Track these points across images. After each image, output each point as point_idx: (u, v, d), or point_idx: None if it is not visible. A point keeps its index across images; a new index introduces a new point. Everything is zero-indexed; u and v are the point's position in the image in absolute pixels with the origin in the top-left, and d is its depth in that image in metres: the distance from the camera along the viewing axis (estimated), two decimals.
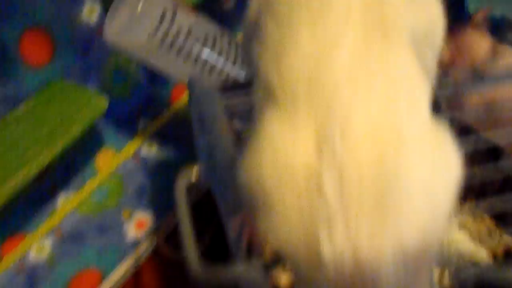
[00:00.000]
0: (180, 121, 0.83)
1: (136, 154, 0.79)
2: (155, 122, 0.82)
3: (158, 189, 0.77)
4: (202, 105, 0.38)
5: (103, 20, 0.64)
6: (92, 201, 0.73)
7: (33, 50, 0.60)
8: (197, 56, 0.56)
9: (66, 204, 0.71)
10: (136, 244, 0.71)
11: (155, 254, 0.71)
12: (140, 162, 0.78)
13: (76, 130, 0.57)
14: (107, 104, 0.61)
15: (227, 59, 0.57)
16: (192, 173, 0.38)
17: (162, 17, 0.52)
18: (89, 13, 0.65)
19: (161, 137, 0.81)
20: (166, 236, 0.72)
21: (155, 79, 0.77)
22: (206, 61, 0.56)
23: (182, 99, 0.85)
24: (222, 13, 0.71)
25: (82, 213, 0.72)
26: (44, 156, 0.55)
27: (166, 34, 0.53)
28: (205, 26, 0.56)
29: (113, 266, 0.69)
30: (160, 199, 0.75)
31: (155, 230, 0.72)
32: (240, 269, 0.30)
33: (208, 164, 0.37)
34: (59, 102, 0.60)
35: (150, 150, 0.80)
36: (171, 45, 0.54)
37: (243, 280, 0.30)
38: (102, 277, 0.68)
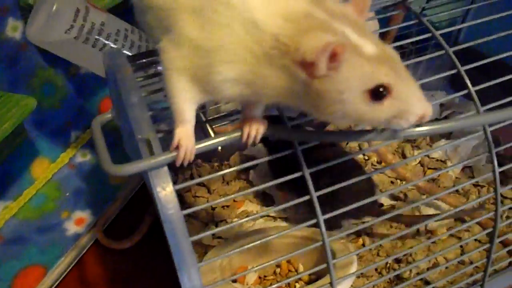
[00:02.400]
0: (110, 130, 0.90)
1: (70, 162, 0.84)
2: (87, 133, 0.89)
3: (94, 190, 0.82)
4: (117, 70, 0.46)
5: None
6: (31, 206, 0.78)
7: None
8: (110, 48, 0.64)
9: (6, 212, 0.76)
10: (76, 238, 0.76)
11: (96, 245, 0.76)
12: (75, 169, 0.84)
13: (7, 126, 0.63)
14: (36, 103, 0.67)
15: (139, 51, 0.67)
16: (106, 116, 0.46)
17: (76, 15, 0.61)
18: (13, 30, 0.72)
19: (94, 145, 0.87)
20: (105, 229, 0.78)
21: (83, 91, 0.84)
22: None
23: (109, 111, 0.92)
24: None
25: (22, 218, 0.76)
26: None
27: (80, 30, 0.62)
28: (116, 22, 0.65)
29: (56, 260, 0.73)
30: (96, 198, 0.81)
31: (94, 224, 0.77)
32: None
33: (118, 109, 0.45)
34: None
35: (85, 157, 0.86)
36: (86, 40, 0.62)
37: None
38: (46, 271, 0.72)
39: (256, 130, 0.40)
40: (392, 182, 0.79)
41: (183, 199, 0.77)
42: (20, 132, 0.73)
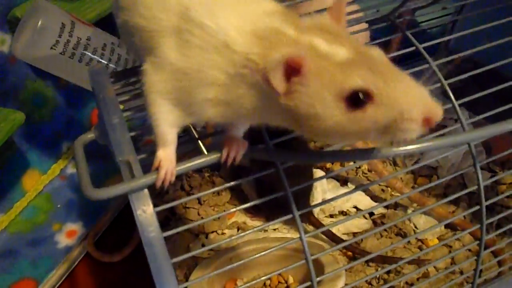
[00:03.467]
0: None
1: (62, 174, 0.84)
2: None
3: (85, 201, 0.82)
4: (100, 89, 0.46)
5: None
6: (21, 219, 0.78)
7: None
8: (97, 63, 0.64)
9: None
10: (67, 250, 0.75)
11: (87, 258, 0.76)
12: (67, 180, 0.84)
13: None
14: (24, 117, 0.67)
15: (125, 65, 0.66)
16: (89, 135, 0.46)
17: (61, 30, 0.61)
18: (1, 43, 0.72)
19: (85, 155, 0.87)
20: (95, 242, 0.78)
21: (73, 102, 0.84)
22: (105, 68, 0.64)
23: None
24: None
25: (13, 231, 0.76)
26: None
27: (66, 45, 0.62)
28: (102, 36, 0.65)
29: (47, 273, 0.73)
30: (88, 210, 0.81)
31: (85, 237, 0.77)
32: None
33: (101, 129, 0.45)
34: None
35: (75, 169, 0.85)
36: (72, 55, 0.62)
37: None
38: (38, 284, 0.72)
39: (235, 151, 0.40)
40: (382, 190, 0.79)
41: (173, 210, 0.77)
42: (9, 146, 0.73)
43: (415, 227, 0.73)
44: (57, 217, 0.79)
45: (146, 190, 0.39)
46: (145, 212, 0.39)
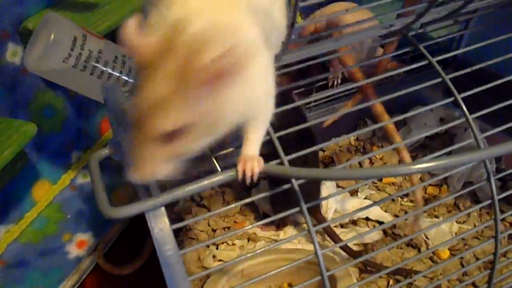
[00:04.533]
0: None
1: (72, 184, 0.85)
2: (88, 154, 0.89)
3: (95, 212, 0.82)
4: (114, 105, 0.46)
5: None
6: (32, 230, 0.78)
7: None
8: (108, 76, 0.64)
9: (8, 235, 0.76)
10: (78, 261, 0.76)
11: (97, 269, 0.76)
12: (77, 190, 0.84)
13: (8, 153, 0.64)
14: (36, 129, 0.67)
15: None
16: (104, 152, 0.46)
17: (73, 43, 0.61)
18: (13, 55, 0.72)
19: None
20: (106, 253, 0.78)
21: (83, 113, 0.85)
22: (117, 80, 0.65)
23: (110, 132, 0.93)
24: None
25: (24, 241, 0.77)
26: None
27: (78, 58, 0.62)
28: (113, 48, 0.66)
29: (57, 284, 0.73)
30: (97, 220, 0.81)
31: (95, 247, 0.78)
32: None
33: (116, 145, 0.45)
34: None
35: (86, 179, 0.86)
36: (84, 68, 0.63)
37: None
38: None
39: (251, 170, 0.40)
40: (393, 200, 0.79)
41: (183, 218, 0.77)
42: (20, 157, 0.73)
43: (426, 237, 0.72)
44: (67, 227, 0.79)
45: (163, 208, 0.39)
46: (162, 230, 0.39)
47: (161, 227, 0.39)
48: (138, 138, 0.33)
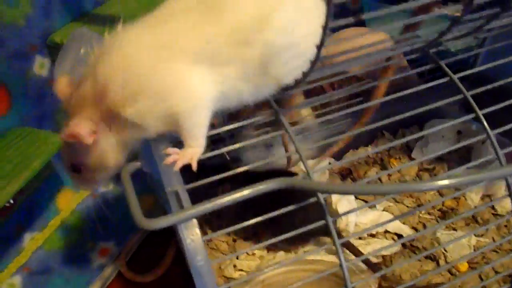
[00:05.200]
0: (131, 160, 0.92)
1: (94, 192, 0.86)
2: None
3: (117, 220, 0.84)
4: None
5: (53, 72, 0.75)
6: (56, 237, 0.80)
7: None
8: None
9: (32, 242, 0.78)
10: (101, 269, 0.77)
11: (120, 277, 0.78)
12: (99, 198, 0.86)
13: (37, 164, 0.66)
14: None
15: None
16: (135, 164, 0.47)
17: None
18: (40, 67, 0.75)
19: (117, 175, 0.89)
20: (128, 261, 0.79)
21: None
22: None
23: None
24: None
25: (48, 249, 0.78)
26: (9, 189, 0.63)
27: None
28: None
29: None
30: (120, 227, 0.83)
31: (118, 256, 0.79)
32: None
33: (146, 158, 0.47)
34: (19, 144, 0.69)
35: (107, 187, 0.88)
36: None
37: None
38: None
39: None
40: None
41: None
42: (47, 166, 0.75)
43: (445, 250, 0.73)
44: (90, 235, 0.81)
45: (194, 220, 0.41)
46: (194, 241, 0.40)
47: (192, 238, 0.40)
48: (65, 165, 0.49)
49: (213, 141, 0.64)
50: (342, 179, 0.85)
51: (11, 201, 0.69)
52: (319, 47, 0.38)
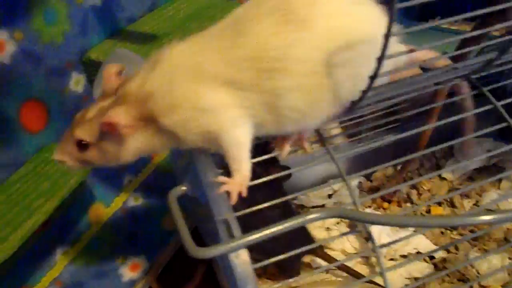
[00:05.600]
0: (160, 174, 0.93)
1: (123, 206, 0.87)
2: (139, 177, 0.92)
3: (147, 235, 0.85)
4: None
5: (88, 88, 0.76)
6: (87, 252, 0.81)
7: (31, 119, 0.70)
8: None
9: (64, 256, 0.79)
10: (131, 284, 0.78)
11: None
12: (128, 213, 0.87)
13: (74, 182, 0.66)
14: None
15: None
16: (181, 188, 0.48)
17: None
18: (76, 84, 0.76)
19: (145, 189, 0.90)
20: (158, 277, 0.80)
21: None
22: None
23: (160, 156, 0.96)
24: None
25: (80, 263, 0.79)
26: (47, 206, 0.63)
27: None
28: None
29: None
30: (149, 243, 0.83)
31: (148, 270, 0.80)
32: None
33: (192, 183, 0.47)
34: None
35: (137, 202, 0.88)
36: None
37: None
38: None
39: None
40: (442, 233, 0.79)
41: None
42: (81, 183, 0.76)
43: (478, 272, 0.72)
44: (120, 250, 0.82)
45: (244, 249, 0.41)
46: (244, 270, 0.40)
47: (243, 268, 0.40)
48: (67, 135, 0.48)
49: None
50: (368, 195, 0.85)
51: None
52: (374, 75, 0.37)
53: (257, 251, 0.44)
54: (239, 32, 0.43)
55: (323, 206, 0.83)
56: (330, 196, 0.86)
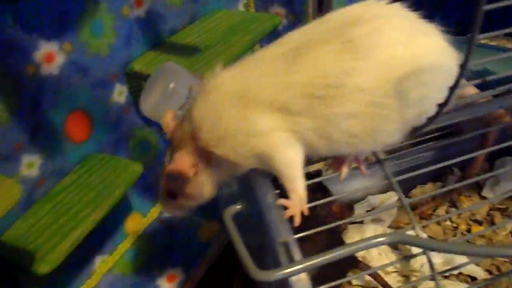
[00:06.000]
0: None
1: (159, 217, 0.87)
2: None
3: (183, 245, 0.85)
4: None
5: (129, 99, 0.77)
6: (124, 261, 0.81)
7: (76, 129, 0.70)
8: None
9: (102, 265, 0.79)
10: None
11: None
12: (165, 224, 0.87)
13: (119, 192, 0.67)
14: (142, 169, 0.70)
15: None
16: (236, 207, 0.48)
17: (190, 92, 0.64)
18: (119, 95, 0.76)
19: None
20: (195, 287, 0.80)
21: None
22: None
23: None
24: None
25: (117, 273, 0.80)
26: (94, 217, 0.64)
27: None
28: None
29: None
30: (186, 254, 0.83)
31: (185, 282, 0.80)
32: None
33: (247, 203, 0.47)
34: (100, 171, 0.70)
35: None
36: None
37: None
38: None
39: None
40: None
41: None
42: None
43: None
44: (157, 260, 0.82)
45: (305, 274, 0.41)
46: None
47: None
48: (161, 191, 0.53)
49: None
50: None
51: None
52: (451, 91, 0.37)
53: None
54: (295, 57, 0.43)
55: (361, 222, 0.82)
56: (367, 211, 0.85)
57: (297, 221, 0.43)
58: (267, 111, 0.43)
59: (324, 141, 0.44)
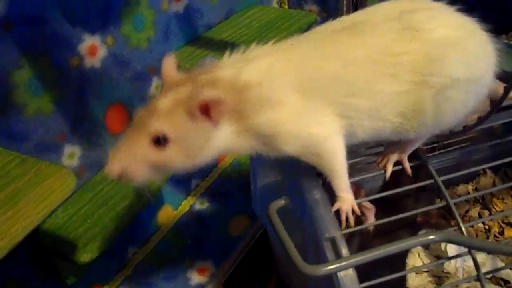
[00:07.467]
0: (226, 179, 0.94)
1: (191, 209, 0.88)
2: (205, 181, 0.93)
3: (213, 238, 0.85)
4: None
5: None
6: (156, 253, 0.82)
7: (114, 121, 0.71)
8: None
9: (135, 257, 0.80)
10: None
11: None
12: (195, 216, 0.88)
13: (155, 187, 0.68)
14: None
15: None
16: (280, 202, 0.48)
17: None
18: (156, 88, 0.77)
19: (211, 193, 0.92)
20: (225, 281, 0.80)
21: None
22: None
23: (226, 160, 0.97)
24: None
25: (149, 263, 0.81)
26: (133, 209, 0.65)
27: None
28: None
29: None
30: (216, 247, 0.84)
31: (215, 275, 0.80)
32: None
33: (291, 197, 0.47)
34: None
35: (203, 206, 0.89)
36: None
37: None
38: None
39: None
40: None
41: None
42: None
43: None
44: (188, 253, 0.83)
45: (352, 270, 0.41)
46: None
47: (351, 286, 0.40)
48: (132, 137, 0.39)
49: None
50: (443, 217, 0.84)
51: None
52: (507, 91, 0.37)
53: None
54: (350, 35, 0.42)
55: None
56: None
57: (351, 221, 0.43)
58: (323, 98, 0.42)
59: (372, 123, 0.43)
